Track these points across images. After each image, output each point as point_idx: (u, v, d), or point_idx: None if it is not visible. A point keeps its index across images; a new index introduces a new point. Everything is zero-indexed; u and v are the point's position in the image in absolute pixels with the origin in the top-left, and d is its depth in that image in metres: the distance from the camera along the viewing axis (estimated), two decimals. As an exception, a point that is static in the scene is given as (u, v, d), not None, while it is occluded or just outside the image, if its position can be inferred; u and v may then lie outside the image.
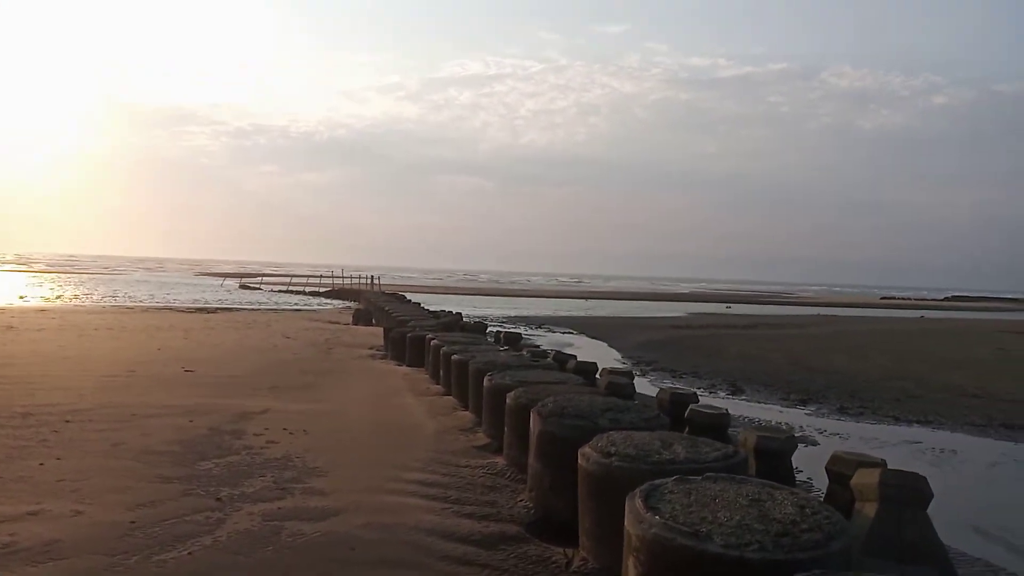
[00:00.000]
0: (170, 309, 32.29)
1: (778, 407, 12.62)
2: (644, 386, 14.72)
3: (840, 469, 4.95)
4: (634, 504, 3.85)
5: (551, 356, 11.60)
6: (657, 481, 4.20)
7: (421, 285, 75.90)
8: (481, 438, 8.19)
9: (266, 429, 8.05)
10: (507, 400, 7.17)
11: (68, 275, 72.64)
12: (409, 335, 14.30)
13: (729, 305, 59.71)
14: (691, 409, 6.98)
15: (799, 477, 7.85)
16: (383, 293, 39.22)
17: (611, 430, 5.51)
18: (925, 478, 4.42)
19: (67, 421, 7.93)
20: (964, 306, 74.08)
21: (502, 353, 10.72)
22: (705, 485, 4.14)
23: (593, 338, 25.57)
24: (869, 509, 4.33)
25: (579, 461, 5.02)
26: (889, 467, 4.99)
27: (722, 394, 13.94)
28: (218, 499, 5.64)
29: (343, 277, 56.63)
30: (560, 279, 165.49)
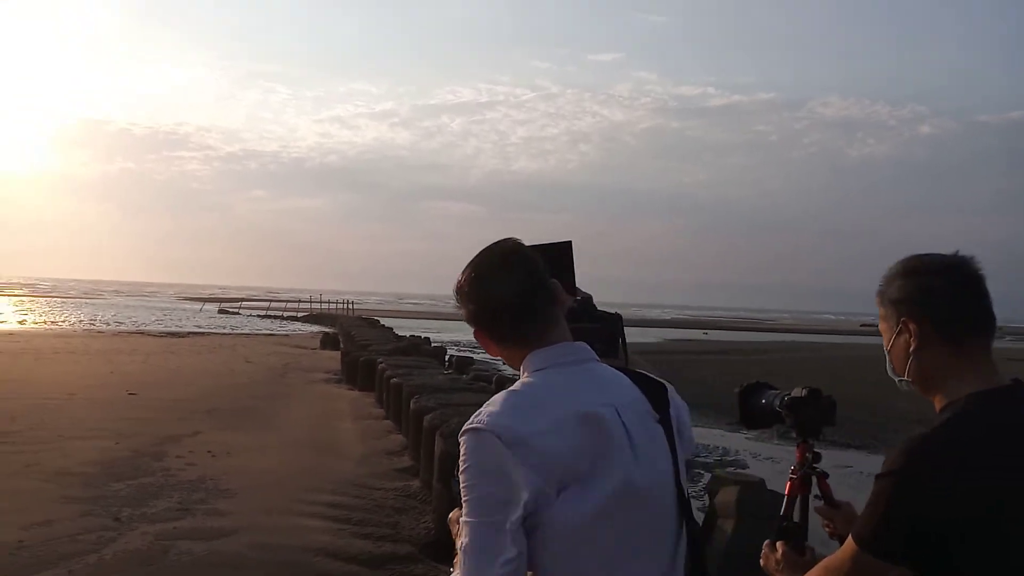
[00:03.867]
0: (141, 334, 32.09)
1: (721, 431, 12.73)
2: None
3: (715, 488, 5.08)
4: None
5: (495, 378, 11.73)
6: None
7: (402, 310, 75.81)
8: (406, 460, 8.25)
9: (190, 452, 8.08)
10: (423, 422, 7.27)
11: (50, 299, 71.98)
12: (361, 359, 14.37)
13: (706, 332, 59.95)
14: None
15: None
16: (357, 318, 39.22)
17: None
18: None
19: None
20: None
21: (440, 376, 10.82)
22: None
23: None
24: (727, 525, 4.46)
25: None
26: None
27: (670, 419, 14.01)
28: (117, 519, 5.69)
29: (320, 302, 56.55)
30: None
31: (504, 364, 1.43)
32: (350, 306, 51.87)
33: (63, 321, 39.97)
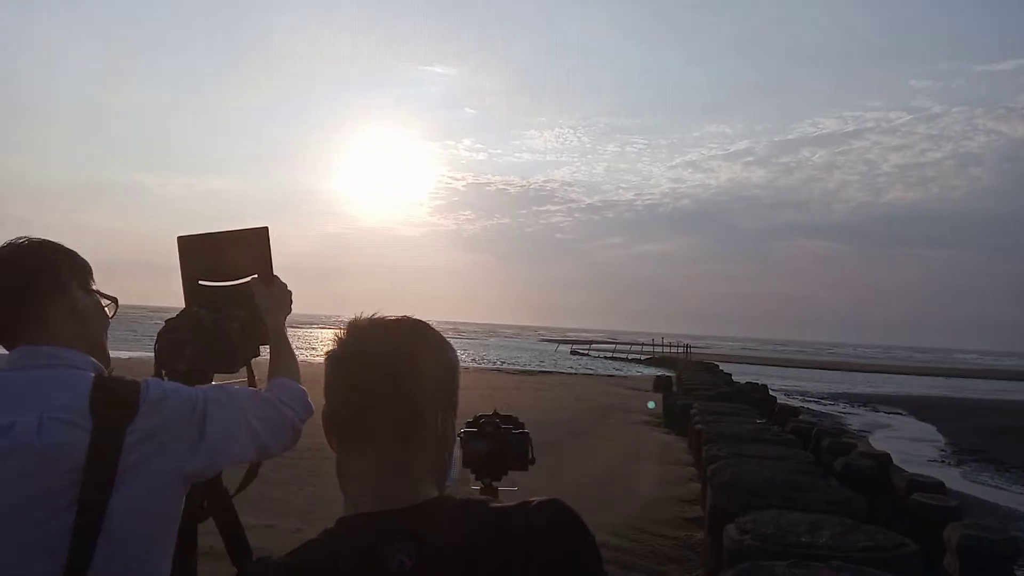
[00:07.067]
0: (498, 371, 35.46)
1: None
2: (955, 478, 12.68)
3: None
4: (719, 582, 3.67)
5: (814, 431, 10.74)
6: (766, 563, 3.93)
7: (746, 356, 72.95)
8: (699, 510, 7.91)
9: (494, 480, 8.68)
10: (707, 471, 6.94)
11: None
12: (678, 403, 14.16)
13: None
14: (913, 496, 6.08)
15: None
16: (696, 362, 38.69)
17: (778, 508, 5.16)
18: None
19: (326, 458, 9.38)
20: None
21: (751, 425, 10.17)
22: (819, 572, 3.76)
23: (922, 420, 22.43)
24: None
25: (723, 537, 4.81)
26: None
27: (1052, 495, 11.41)
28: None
29: (662, 345, 56.96)
30: (926, 354, 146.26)
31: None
32: (687, 350, 51.53)
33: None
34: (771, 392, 22.27)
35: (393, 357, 0.96)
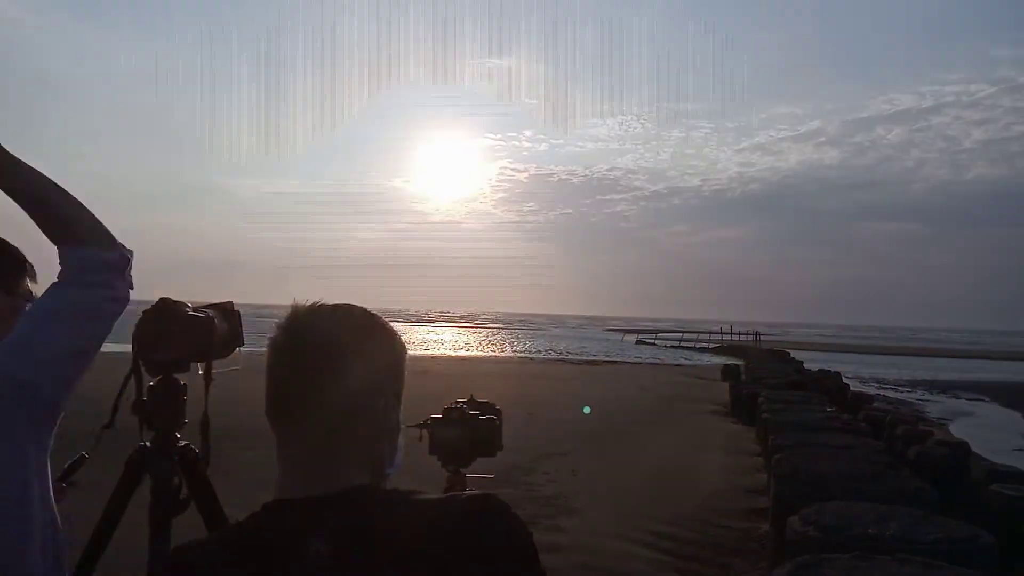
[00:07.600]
0: (563, 361, 35.45)
1: None
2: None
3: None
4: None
5: (888, 419, 10.41)
6: (829, 555, 3.86)
7: (819, 343, 70.81)
8: (766, 501, 7.77)
9: (556, 469, 8.72)
10: (771, 460, 6.82)
11: (504, 331, 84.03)
12: (745, 391, 13.90)
13: None
14: (991, 487, 5.84)
15: None
16: (766, 350, 37.86)
17: (844, 499, 5.05)
18: None
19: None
20: None
21: (820, 414, 9.93)
22: (884, 565, 3.68)
23: (1008, 407, 21.46)
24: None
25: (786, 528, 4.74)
26: None
27: None
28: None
29: (730, 334, 55.92)
30: (1018, 338, 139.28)
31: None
32: (756, 338, 50.49)
33: (506, 349, 46.17)
34: (844, 379, 21.68)
35: (330, 344, 0.93)
